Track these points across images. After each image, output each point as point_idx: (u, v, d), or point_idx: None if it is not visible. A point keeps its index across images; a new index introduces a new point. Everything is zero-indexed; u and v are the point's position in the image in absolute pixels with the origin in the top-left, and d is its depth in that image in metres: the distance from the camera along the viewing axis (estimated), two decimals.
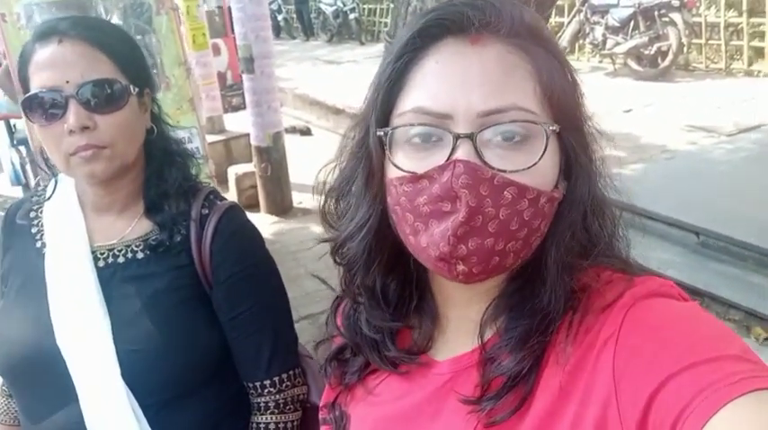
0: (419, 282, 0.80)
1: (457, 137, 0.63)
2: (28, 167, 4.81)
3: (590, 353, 0.63)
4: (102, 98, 1.05)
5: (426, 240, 0.66)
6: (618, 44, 8.70)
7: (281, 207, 5.33)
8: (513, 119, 0.64)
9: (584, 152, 0.70)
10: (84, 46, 1.05)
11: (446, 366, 0.75)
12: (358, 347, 0.82)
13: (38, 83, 1.04)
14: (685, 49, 8.62)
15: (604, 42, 8.95)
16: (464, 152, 0.63)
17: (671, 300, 0.65)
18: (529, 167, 0.64)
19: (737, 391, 0.51)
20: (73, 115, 1.02)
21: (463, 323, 0.75)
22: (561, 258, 0.68)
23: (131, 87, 1.09)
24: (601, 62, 9.71)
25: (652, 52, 8.34)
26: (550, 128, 0.65)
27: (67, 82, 1.03)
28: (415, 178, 0.66)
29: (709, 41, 8.69)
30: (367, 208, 0.73)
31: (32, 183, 4.69)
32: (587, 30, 9.29)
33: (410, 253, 0.72)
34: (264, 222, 5.10)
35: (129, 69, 1.10)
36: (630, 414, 0.56)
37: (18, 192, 4.98)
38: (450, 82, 0.65)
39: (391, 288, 0.79)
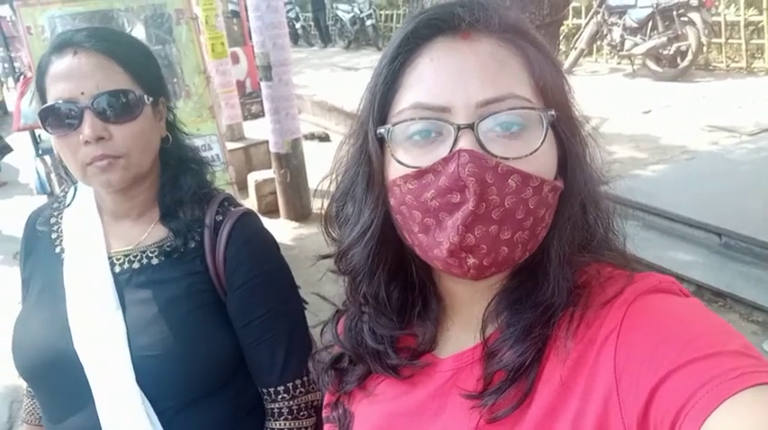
0: (422, 288, 0.80)
1: (458, 128, 0.64)
2: (53, 176, 4.90)
3: (591, 349, 0.63)
4: (117, 109, 1.06)
5: (440, 235, 0.66)
6: (636, 45, 8.63)
7: (301, 213, 5.36)
8: (510, 106, 0.65)
9: (578, 143, 0.71)
10: (99, 57, 1.07)
11: (449, 363, 0.75)
12: (360, 358, 0.83)
13: (54, 94, 1.06)
14: (705, 49, 8.53)
15: (622, 43, 8.89)
16: (467, 142, 0.64)
17: (672, 295, 0.65)
18: (530, 154, 0.65)
19: (738, 386, 0.51)
20: (88, 126, 1.04)
21: (466, 321, 0.76)
22: (563, 249, 0.69)
23: (146, 97, 1.11)
24: (619, 63, 9.65)
25: (671, 52, 8.27)
26: (549, 113, 0.67)
27: (82, 93, 1.05)
28: (420, 173, 0.66)
29: (730, 40, 8.59)
30: (369, 212, 0.74)
31: (57, 191, 4.79)
32: (605, 31, 9.23)
33: (413, 257, 0.73)
34: (284, 228, 5.15)
35: (143, 79, 1.12)
36: (632, 409, 0.57)
37: (43, 202, 5.08)
38: (447, 76, 0.66)
39: (394, 296, 0.80)
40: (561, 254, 0.69)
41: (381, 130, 0.70)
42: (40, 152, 4.93)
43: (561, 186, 0.69)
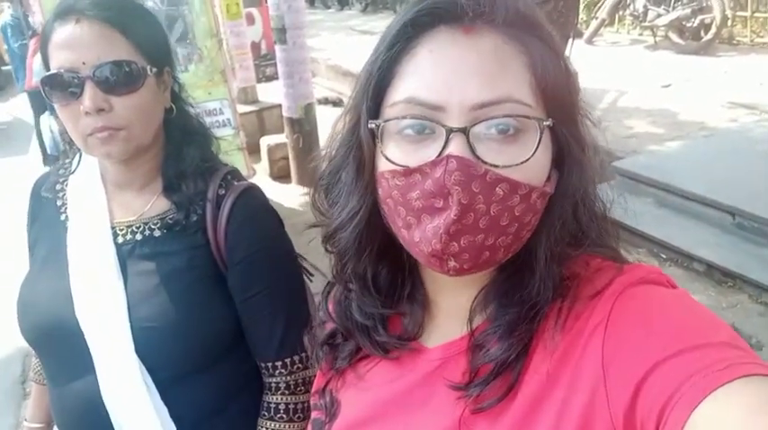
0: (411, 270, 0.80)
1: (450, 131, 0.63)
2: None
3: (578, 341, 0.63)
4: (119, 80, 1.05)
5: (419, 236, 0.66)
6: (659, 16, 8.45)
7: (312, 178, 5.34)
8: (507, 112, 0.63)
9: (576, 144, 0.69)
10: (102, 26, 1.05)
11: (436, 353, 0.75)
12: (349, 333, 0.83)
13: (56, 63, 1.05)
14: (729, 22, 8.32)
15: (645, 14, 8.70)
16: (457, 147, 0.62)
17: (660, 287, 0.65)
18: (521, 163, 0.63)
19: (725, 378, 0.51)
20: (88, 97, 1.03)
21: (453, 310, 0.75)
22: (551, 248, 0.68)
23: (149, 68, 1.09)
24: (641, 34, 9.44)
25: (695, 25, 8.08)
26: (544, 123, 0.64)
27: (84, 63, 1.03)
28: (408, 172, 0.65)
29: (755, 14, 8.37)
30: (358, 198, 0.73)
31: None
32: (628, 1, 9.03)
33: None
34: (295, 193, 5.14)
35: (147, 49, 1.10)
36: (619, 401, 0.57)
37: (55, 160, 5.10)
38: (444, 72, 0.64)
39: (382, 275, 0.79)
40: (549, 252, 0.68)
41: (372, 125, 0.68)
42: (52, 110, 4.91)
43: (551, 191, 0.68)
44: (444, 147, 0.63)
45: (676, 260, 3.79)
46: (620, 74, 7.38)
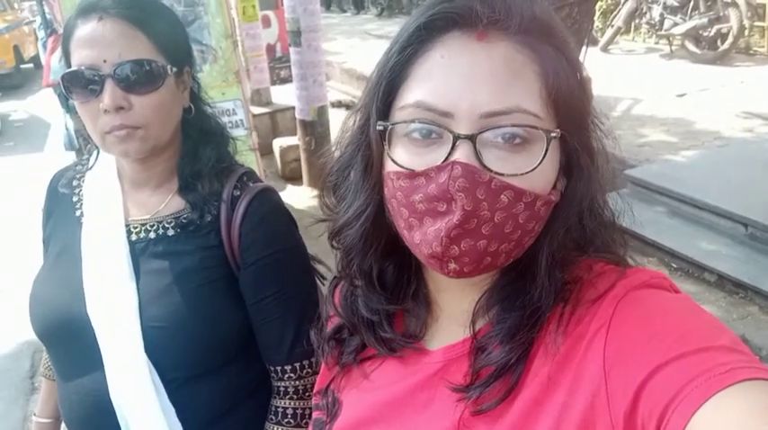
0: (416, 269, 0.80)
1: (457, 137, 0.63)
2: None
3: (580, 344, 0.63)
4: (139, 78, 1.06)
5: (420, 237, 0.66)
6: (676, 25, 8.39)
7: (323, 180, 5.35)
8: (515, 122, 0.63)
9: (586, 153, 0.69)
10: (124, 24, 1.06)
11: (438, 355, 0.76)
12: (355, 328, 0.83)
13: (77, 60, 1.06)
14: (747, 32, 8.26)
15: (662, 22, 8.64)
16: (463, 153, 0.63)
17: (662, 291, 0.65)
18: (527, 172, 0.63)
19: (727, 381, 0.51)
20: (108, 95, 1.04)
21: (456, 313, 0.75)
22: (553, 254, 0.68)
23: (169, 67, 1.10)
24: (657, 43, 9.39)
25: (711, 34, 8.02)
26: (552, 134, 0.64)
27: (105, 61, 1.04)
28: (412, 175, 0.66)
29: None
30: (365, 197, 0.74)
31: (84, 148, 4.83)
32: (644, 9, 8.98)
33: None
34: (306, 195, 5.17)
35: (168, 49, 1.11)
36: (620, 403, 0.57)
37: (72, 158, 5.14)
38: (455, 78, 0.64)
39: (388, 272, 0.80)
40: (551, 258, 0.68)
41: (380, 127, 0.69)
42: (69, 108, 4.95)
43: (556, 199, 0.68)
44: (450, 153, 0.63)
45: (687, 270, 3.76)
46: (635, 82, 7.34)
